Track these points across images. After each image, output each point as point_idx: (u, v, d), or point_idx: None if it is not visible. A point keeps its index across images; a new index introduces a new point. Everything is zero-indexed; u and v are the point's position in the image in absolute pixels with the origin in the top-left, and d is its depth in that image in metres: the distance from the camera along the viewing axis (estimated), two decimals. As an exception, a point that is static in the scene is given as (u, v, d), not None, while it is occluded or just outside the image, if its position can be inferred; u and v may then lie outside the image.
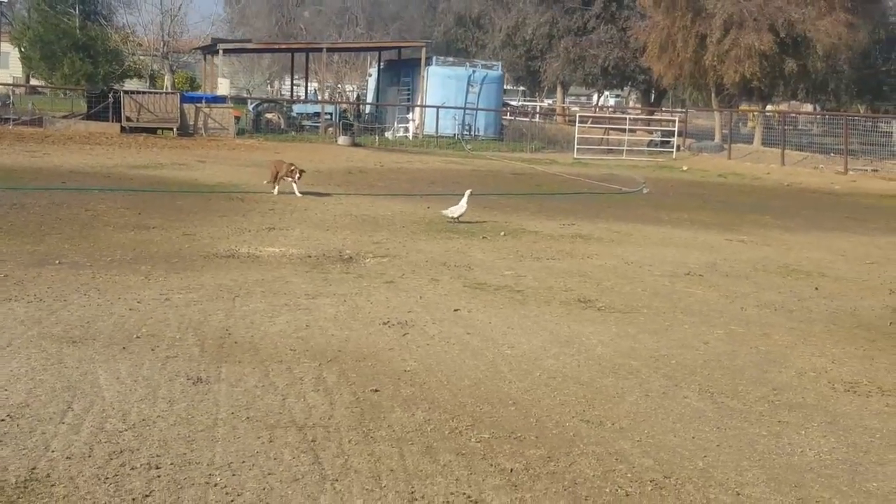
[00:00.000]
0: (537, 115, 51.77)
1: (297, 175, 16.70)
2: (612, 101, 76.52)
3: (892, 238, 15.11)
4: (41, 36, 37.05)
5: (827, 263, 11.96)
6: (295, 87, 52.07)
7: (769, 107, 44.13)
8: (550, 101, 67.51)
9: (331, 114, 37.65)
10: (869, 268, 11.85)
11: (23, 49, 40.02)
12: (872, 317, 8.93)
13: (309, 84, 53.97)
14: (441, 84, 37.73)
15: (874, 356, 7.45)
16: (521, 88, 69.02)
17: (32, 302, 7.76)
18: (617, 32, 49.94)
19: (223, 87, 36.30)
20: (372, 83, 45.53)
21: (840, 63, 38.34)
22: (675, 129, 35.95)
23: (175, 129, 31.11)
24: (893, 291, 10.23)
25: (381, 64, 44.14)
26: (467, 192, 14.47)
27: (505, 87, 51.33)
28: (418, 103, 38.01)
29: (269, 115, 35.90)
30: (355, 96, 55.22)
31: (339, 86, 66.42)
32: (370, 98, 45.11)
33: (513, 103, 57.94)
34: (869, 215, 18.79)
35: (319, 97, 50.54)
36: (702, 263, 11.41)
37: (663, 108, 53.74)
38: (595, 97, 78.57)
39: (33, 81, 48.32)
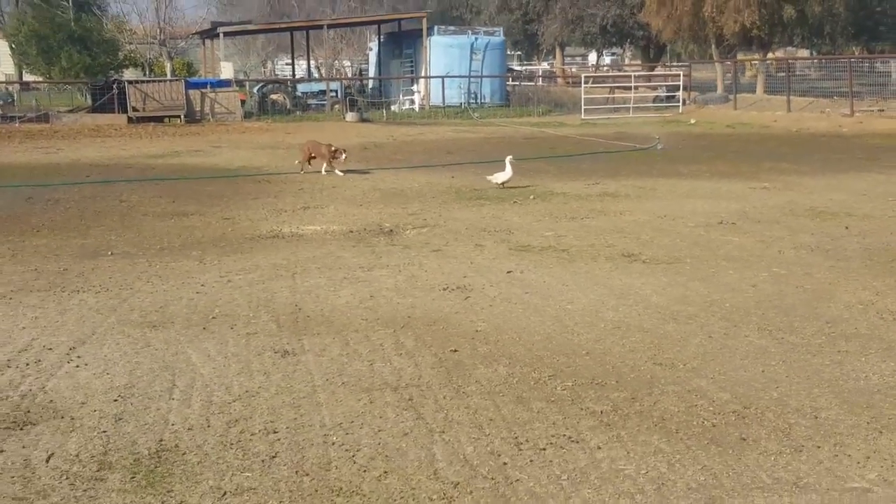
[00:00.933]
0: (539, 79, 51.74)
1: (343, 156, 16.94)
2: (607, 60, 76.37)
3: (910, 175, 15.38)
4: (36, 31, 36.97)
5: (851, 203, 12.24)
6: (291, 66, 52.15)
7: (769, 55, 44.17)
8: (548, 64, 67.50)
9: (336, 91, 37.78)
10: (893, 205, 12.12)
11: (13, 46, 40.08)
12: (906, 251, 9.23)
13: (306, 62, 54.02)
14: (444, 53, 37.84)
15: (916, 287, 7.75)
16: (518, 53, 68.91)
17: (100, 292, 8.05)
18: (614, -11, 50.06)
19: (227, 71, 36.41)
20: (373, 57, 45.59)
21: (836, 6, 38.37)
22: (681, 83, 36.06)
23: (182, 117, 31.30)
24: (923, 226, 10.53)
25: (382, 37, 44.18)
26: (509, 159, 14.70)
27: (506, 52, 51.34)
28: (422, 74, 38.12)
29: (274, 96, 36.04)
30: (357, 71, 55.27)
31: (337, 62, 66.38)
32: (372, 72, 45.20)
33: (517, 68, 57.93)
34: (881, 155, 19.04)
35: (316, 74, 50.68)
36: (731, 212, 11.68)
37: (665, 64, 53.80)
38: (592, 57, 78.45)
39: (28, 77, 48.40)
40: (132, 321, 7.10)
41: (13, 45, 40.39)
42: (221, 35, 37.97)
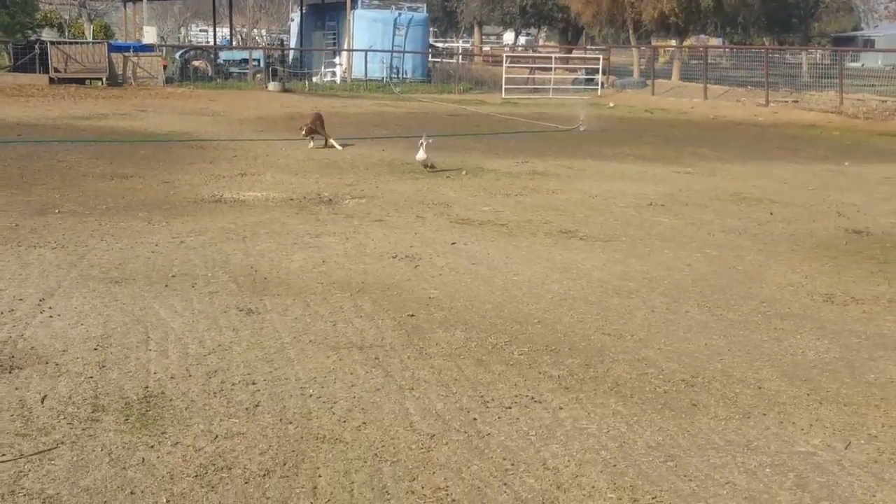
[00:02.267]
0: (460, 57, 52.08)
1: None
2: (522, 41, 77.11)
3: (825, 166, 16.13)
4: (-47, -12, 36.07)
5: (773, 191, 12.87)
6: (213, 33, 51.51)
7: (685, 42, 45.24)
8: (465, 42, 67.87)
9: (258, 60, 37.56)
10: (812, 193, 12.79)
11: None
12: (828, 237, 9.82)
13: (225, 31, 53.43)
14: (368, 27, 37.93)
15: (839, 271, 8.30)
16: (433, 29, 69.13)
17: (56, 248, 8.15)
18: (535, -28, 50.67)
19: (150, 36, 35.94)
20: (294, 28, 45.39)
21: (751, -3, 39.61)
22: (600, 66, 36.77)
23: (104, 80, 30.85)
24: (841, 214, 11.16)
25: (304, 8, 43.98)
26: (424, 140, 14.05)
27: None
28: (345, 47, 38.12)
29: (196, 63, 35.71)
30: (279, 41, 54.88)
31: (255, 31, 65.73)
32: (293, 43, 44.99)
33: (439, 45, 58.15)
34: (797, 144, 19.86)
35: (234, 43, 50.17)
36: (660, 194, 12.19)
37: (586, 47, 54.60)
38: (508, 36, 79.08)
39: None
40: (94, 276, 7.25)
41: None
42: (145, -1, 37.45)
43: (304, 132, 16.75)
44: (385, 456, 4.40)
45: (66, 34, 41.10)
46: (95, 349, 5.58)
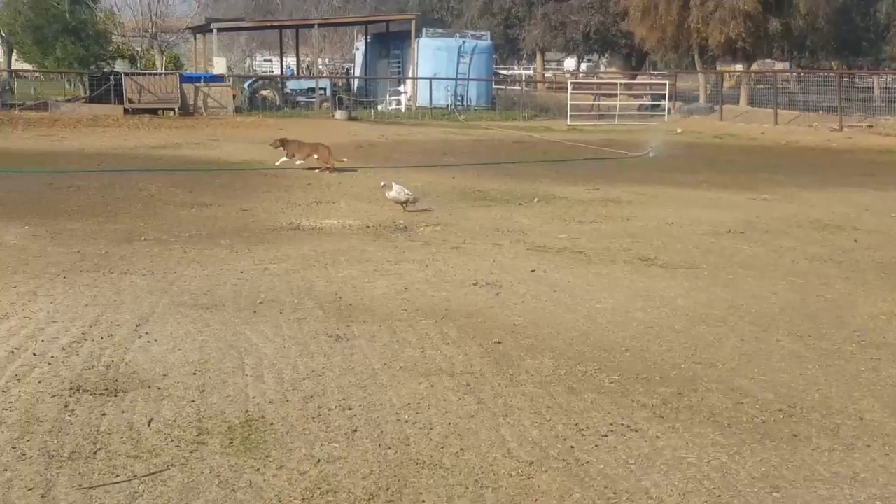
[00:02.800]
0: (524, 84, 52.19)
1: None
2: (583, 67, 77.04)
3: (906, 192, 15.85)
4: (32, 21, 37.21)
5: (855, 217, 12.67)
6: (273, 63, 52.35)
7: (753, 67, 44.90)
8: (527, 68, 68.02)
9: (325, 89, 38.04)
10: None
11: (2, 34, 40.06)
12: (916, 265, 9.65)
13: (288, 60, 54.16)
14: (432, 56, 38.20)
15: (930, 299, 8.16)
16: (494, 56, 69.44)
17: (146, 275, 8.33)
18: (597, -2, 50.68)
19: (220, 66, 36.64)
20: (359, 57, 45.87)
21: (819, 21, 39.14)
22: (666, 92, 36.60)
23: (176, 110, 31.48)
24: (926, 242, 10.96)
25: (369, 37, 44.48)
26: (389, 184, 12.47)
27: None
28: (410, 75, 38.43)
29: (264, 92, 36.28)
30: (345, 70, 55.53)
31: (319, 60, 66.47)
32: (358, 72, 45.47)
33: (503, 72, 58.39)
34: (875, 170, 19.52)
35: (296, 72, 50.88)
36: (738, 221, 12.08)
37: (650, 73, 54.44)
38: (568, 63, 79.02)
39: (18, 65, 48.32)
40: (185, 303, 7.39)
41: (5, 34, 40.51)
42: (215, 31, 38.18)
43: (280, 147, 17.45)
44: (486, 482, 4.41)
45: (139, 66, 42.08)
46: (194, 374, 5.69)
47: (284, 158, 17.36)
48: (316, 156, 17.18)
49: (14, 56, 50.40)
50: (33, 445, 4.61)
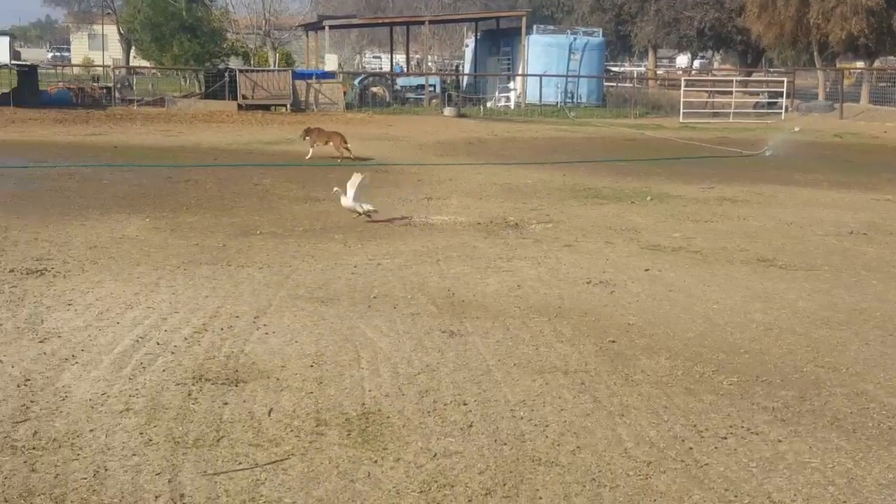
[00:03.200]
0: (635, 80, 51.60)
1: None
2: (696, 64, 75.79)
3: None
4: (151, 19, 38.29)
5: None
6: (382, 60, 52.85)
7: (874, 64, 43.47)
8: (638, 65, 67.23)
9: (434, 85, 38.23)
10: None
11: (121, 31, 41.32)
12: None
13: (398, 57, 54.60)
14: (543, 52, 38.01)
15: None
16: (605, 52, 68.81)
17: (262, 268, 8.49)
18: (712, -8, 49.75)
19: (331, 63, 37.11)
20: (469, 54, 45.97)
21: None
22: (784, 89, 35.70)
23: (288, 106, 32.02)
24: None
25: (479, 34, 44.53)
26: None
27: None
28: (520, 72, 38.35)
29: (374, 89, 36.61)
30: (455, 67, 55.76)
31: (429, 57, 66.85)
32: (467, 69, 45.60)
33: (614, 69, 57.81)
34: None
35: (406, 69, 51.26)
36: (860, 222, 11.72)
37: (767, 70, 53.25)
38: (681, 59, 77.89)
39: (135, 62, 49.90)
40: (301, 296, 7.51)
41: (124, 31, 41.81)
42: (327, 28, 38.73)
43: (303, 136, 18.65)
44: (603, 481, 4.36)
45: (252, 62, 42.91)
46: (311, 366, 5.78)
47: (311, 149, 18.31)
48: (331, 143, 18.31)
49: (132, 53, 52.13)
50: (159, 432, 4.74)
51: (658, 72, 62.65)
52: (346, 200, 11.14)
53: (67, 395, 5.21)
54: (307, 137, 18.49)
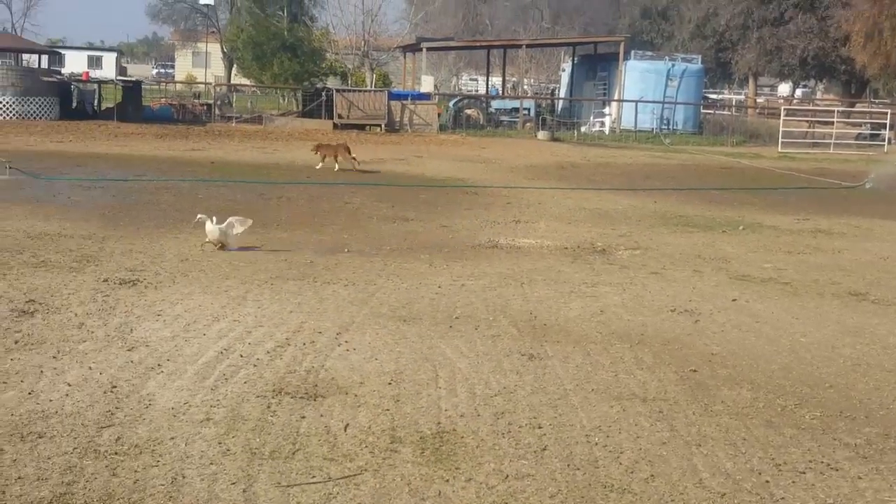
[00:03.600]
0: (733, 108, 50.88)
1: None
2: (798, 93, 74.40)
3: None
4: (253, 38, 39.20)
5: None
6: (479, 82, 53.12)
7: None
8: (738, 93, 66.30)
9: (529, 109, 38.28)
10: None
11: (224, 50, 42.32)
12: None
13: (494, 79, 54.84)
14: (640, 78, 37.76)
15: None
16: (704, 79, 68.07)
17: (348, 285, 8.61)
18: (816, 22, 48.81)
19: (427, 85, 37.46)
20: (566, 78, 45.90)
21: None
22: (888, 121, 34.81)
23: (383, 126, 32.40)
24: None
25: (576, 58, 44.47)
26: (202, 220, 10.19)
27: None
28: (616, 98, 38.17)
29: (468, 111, 36.80)
30: (551, 91, 55.78)
31: (525, 81, 66.99)
32: (563, 93, 45.54)
33: (712, 96, 57.11)
34: None
35: (501, 92, 51.45)
36: (962, 259, 11.38)
37: (870, 101, 52.06)
38: (782, 88, 76.56)
39: (237, 80, 51.05)
40: (383, 314, 7.60)
41: (227, 49, 42.84)
42: (425, 50, 39.10)
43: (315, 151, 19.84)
44: (675, 512, 4.33)
45: (350, 82, 43.58)
46: (389, 383, 5.85)
47: (321, 163, 19.47)
48: (339, 156, 19.48)
49: (234, 70, 53.38)
50: (237, 442, 4.85)
51: (758, 100, 61.66)
52: (211, 227, 10.01)
53: (151, 403, 5.37)
54: (318, 153, 19.78)
